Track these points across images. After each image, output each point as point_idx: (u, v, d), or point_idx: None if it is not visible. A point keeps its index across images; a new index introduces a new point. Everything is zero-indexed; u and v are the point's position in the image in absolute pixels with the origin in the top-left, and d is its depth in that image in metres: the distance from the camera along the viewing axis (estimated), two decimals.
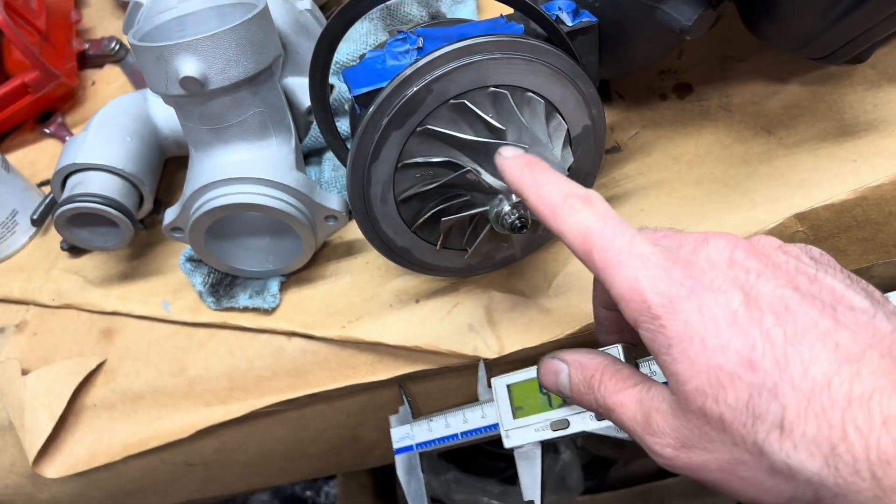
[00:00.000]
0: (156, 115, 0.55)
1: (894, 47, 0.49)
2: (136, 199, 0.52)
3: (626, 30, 0.42)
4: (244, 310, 0.50)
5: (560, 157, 0.40)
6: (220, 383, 0.49)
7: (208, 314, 0.51)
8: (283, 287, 0.51)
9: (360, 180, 0.39)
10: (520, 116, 0.38)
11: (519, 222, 0.38)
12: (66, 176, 0.51)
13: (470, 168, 0.38)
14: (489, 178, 0.38)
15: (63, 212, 0.48)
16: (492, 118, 0.38)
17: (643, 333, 0.28)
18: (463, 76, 0.37)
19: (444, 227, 0.40)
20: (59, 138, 0.69)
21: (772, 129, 0.48)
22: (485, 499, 0.87)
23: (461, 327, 0.46)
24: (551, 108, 0.40)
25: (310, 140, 0.53)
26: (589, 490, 0.89)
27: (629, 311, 0.28)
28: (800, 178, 0.44)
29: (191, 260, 0.52)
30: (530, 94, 0.39)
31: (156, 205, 0.55)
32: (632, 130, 0.51)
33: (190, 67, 0.41)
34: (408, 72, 0.36)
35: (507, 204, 0.38)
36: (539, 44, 0.38)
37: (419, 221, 0.41)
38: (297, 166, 0.47)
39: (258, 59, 0.43)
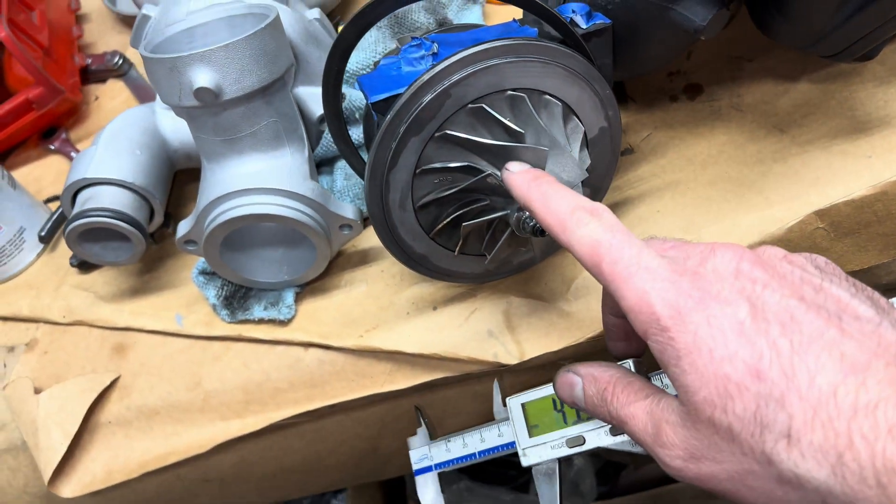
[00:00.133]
0: (164, 127, 0.54)
1: None
2: (147, 213, 0.51)
3: (639, 31, 0.42)
4: (259, 322, 0.50)
5: (578, 160, 0.40)
6: (237, 396, 0.49)
7: (223, 327, 0.50)
8: (297, 298, 0.50)
9: (378, 187, 0.39)
10: (538, 119, 0.38)
11: (540, 226, 0.37)
12: (76, 191, 0.50)
13: (490, 172, 0.37)
14: None
15: (75, 227, 0.47)
16: (510, 122, 0.37)
17: (652, 345, 0.28)
18: (480, 80, 0.37)
19: (465, 231, 0.40)
20: (64, 154, 0.69)
21: (784, 128, 0.48)
22: None
23: (480, 333, 0.45)
24: (568, 111, 0.40)
25: (321, 149, 0.53)
26: (602, 496, 0.88)
27: (638, 323, 0.29)
28: (814, 175, 0.44)
29: (204, 273, 0.51)
30: (547, 96, 0.39)
31: (166, 218, 0.55)
32: (644, 132, 0.51)
33: (204, 78, 0.40)
34: (426, 77, 0.36)
35: None
36: (555, 46, 0.38)
37: (437, 227, 0.41)
38: (311, 176, 0.47)
39: (272, 68, 0.43)
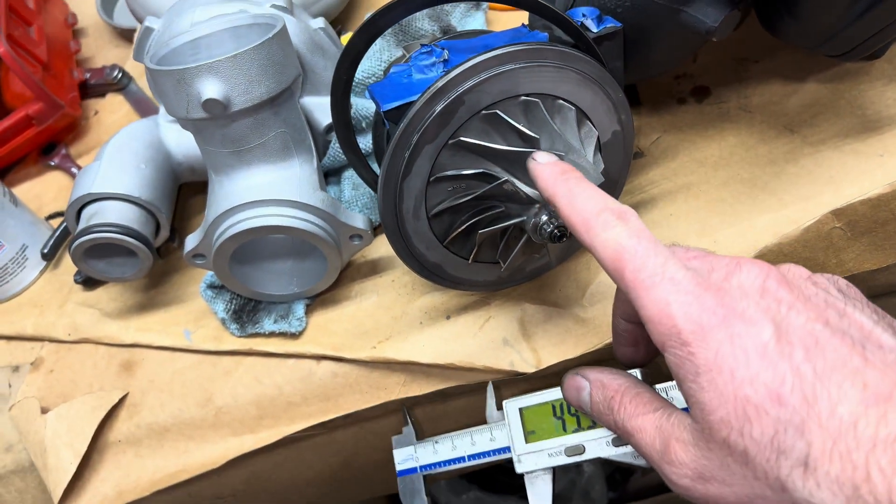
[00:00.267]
0: (168, 141, 0.54)
1: None
2: (153, 228, 0.51)
3: (650, 34, 0.42)
4: (270, 335, 0.49)
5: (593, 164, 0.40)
6: (249, 411, 0.48)
7: (232, 341, 0.50)
8: (308, 310, 0.50)
9: (392, 196, 0.38)
10: (552, 124, 0.37)
11: (558, 231, 0.37)
12: (81, 207, 0.49)
13: (506, 178, 0.37)
14: (525, 188, 0.38)
15: (81, 243, 0.47)
16: (524, 127, 0.37)
17: (669, 358, 0.28)
18: (494, 86, 0.36)
19: (480, 239, 0.39)
20: (65, 170, 0.68)
21: (794, 128, 0.48)
22: None
23: (495, 342, 0.45)
24: (582, 115, 0.40)
25: (328, 160, 0.52)
26: (612, 502, 0.88)
27: (657, 334, 0.28)
28: (827, 175, 0.44)
29: (212, 287, 0.51)
30: (561, 101, 0.38)
31: (171, 233, 0.54)
32: (653, 136, 0.51)
33: (212, 89, 0.40)
34: (439, 84, 0.36)
35: (545, 213, 0.37)
36: (568, 50, 0.38)
37: (451, 235, 0.40)
38: (320, 186, 0.46)
39: (280, 78, 0.42)
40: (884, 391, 0.24)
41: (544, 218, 0.37)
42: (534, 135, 0.37)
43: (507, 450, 0.40)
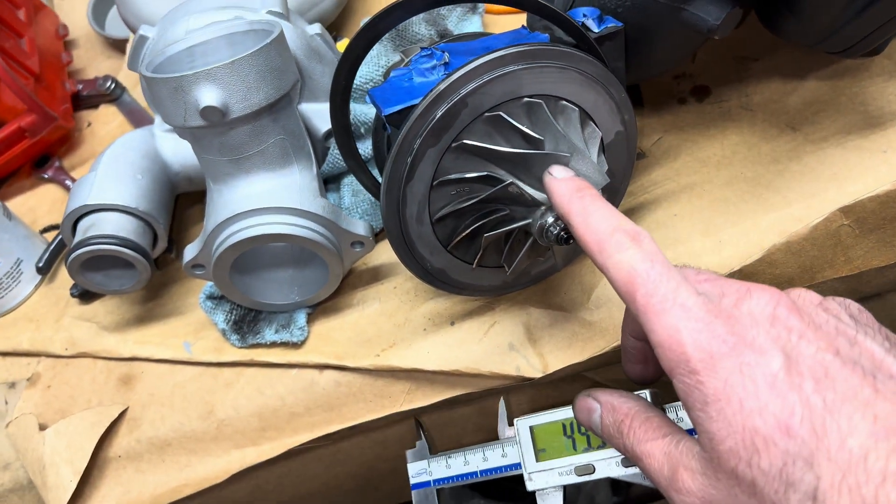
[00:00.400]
0: (164, 151, 0.53)
1: None
2: (150, 239, 0.50)
3: (651, 33, 0.42)
4: (271, 345, 0.48)
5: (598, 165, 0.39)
6: (251, 423, 0.47)
7: (233, 352, 0.49)
8: (309, 319, 0.49)
9: (395, 202, 0.38)
10: (556, 125, 0.37)
11: (565, 233, 0.36)
12: (76, 219, 0.49)
13: (511, 181, 0.37)
14: (531, 191, 0.37)
15: (77, 256, 0.46)
16: (528, 129, 0.37)
17: (678, 385, 0.28)
18: (497, 88, 0.36)
19: (485, 243, 0.39)
20: (58, 183, 0.67)
21: (796, 126, 0.48)
22: None
23: (501, 347, 0.44)
24: (585, 116, 0.39)
25: (327, 166, 0.52)
26: None
27: (666, 360, 0.28)
28: (831, 172, 0.44)
29: (211, 297, 0.50)
30: (564, 102, 0.38)
31: (169, 244, 0.53)
32: (654, 136, 0.51)
33: (210, 97, 0.39)
34: (441, 87, 0.35)
35: (551, 216, 0.37)
36: (571, 51, 0.37)
37: (456, 240, 0.40)
38: (320, 193, 0.46)
39: (278, 84, 0.42)
40: (894, 424, 0.24)
41: (550, 220, 0.37)
42: (538, 136, 0.37)
43: (517, 466, 0.41)
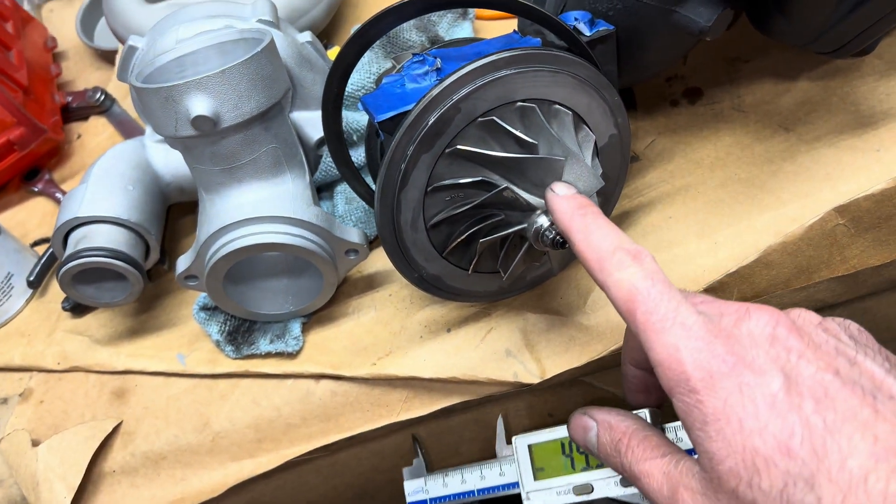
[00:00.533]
0: (156, 161, 0.53)
1: None
2: (142, 250, 0.50)
3: (643, 35, 0.42)
4: (266, 356, 0.48)
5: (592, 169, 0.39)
6: (247, 435, 0.47)
7: (228, 364, 0.48)
8: (304, 328, 0.49)
9: (389, 208, 0.38)
10: (550, 129, 0.37)
11: (560, 237, 0.36)
12: (67, 231, 0.48)
13: (506, 186, 0.36)
14: (525, 195, 0.37)
15: (69, 269, 0.46)
16: (522, 133, 0.36)
17: (677, 404, 0.28)
18: (490, 93, 0.36)
19: (481, 248, 0.39)
20: (48, 196, 0.67)
21: (789, 126, 0.48)
22: None
23: (498, 353, 0.44)
24: (578, 120, 0.39)
25: (319, 174, 0.52)
26: None
27: (665, 380, 0.28)
28: (825, 171, 0.44)
29: (205, 308, 0.49)
30: (557, 106, 0.38)
31: (161, 255, 0.53)
32: (647, 139, 0.51)
33: (201, 106, 0.39)
34: (434, 92, 0.35)
35: (547, 219, 0.37)
36: (563, 55, 0.37)
37: (451, 246, 0.40)
38: (314, 201, 0.45)
39: (269, 93, 0.41)
40: (894, 445, 0.24)
41: (545, 224, 0.37)
42: (532, 140, 0.36)
43: (515, 485, 0.40)
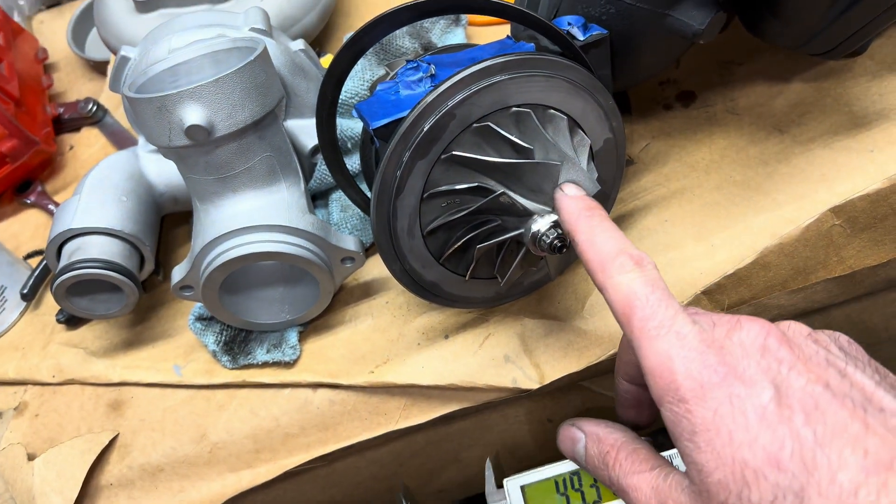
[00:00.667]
0: (149, 172, 0.52)
1: (889, 37, 0.50)
2: (137, 261, 0.49)
3: (636, 39, 0.42)
4: (263, 365, 0.48)
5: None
6: (245, 446, 0.46)
7: (225, 374, 0.48)
8: (301, 337, 0.48)
9: (385, 215, 0.37)
10: (545, 134, 0.37)
11: (559, 241, 0.36)
12: (61, 243, 0.48)
13: (502, 191, 0.36)
14: (522, 200, 0.37)
15: (63, 281, 0.45)
16: (517, 138, 0.36)
17: (666, 414, 0.28)
18: (485, 98, 0.36)
19: (478, 254, 0.38)
20: (41, 208, 0.66)
21: (783, 128, 0.48)
22: None
23: (496, 359, 0.44)
24: (573, 124, 0.39)
25: (314, 182, 0.51)
26: None
27: (655, 388, 0.28)
28: (820, 172, 0.44)
29: (201, 319, 0.49)
30: (552, 110, 0.38)
31: (156, 266, 0.53)
32: (642, 143, 0.51)
33: (195, 115, 0.39)
34: (429, 98, 0.35)
35: (544, 224, 0.37)
36: (557, 59, 0.37)
37: (448, 252, 0.40)
38: (309, 209, 0.45)
39: (263, 102, 0.41)
40: (885, 459, 0.24)
41: (543, 228, 0.37)
42: (527, 146, 0.36)
43: None
